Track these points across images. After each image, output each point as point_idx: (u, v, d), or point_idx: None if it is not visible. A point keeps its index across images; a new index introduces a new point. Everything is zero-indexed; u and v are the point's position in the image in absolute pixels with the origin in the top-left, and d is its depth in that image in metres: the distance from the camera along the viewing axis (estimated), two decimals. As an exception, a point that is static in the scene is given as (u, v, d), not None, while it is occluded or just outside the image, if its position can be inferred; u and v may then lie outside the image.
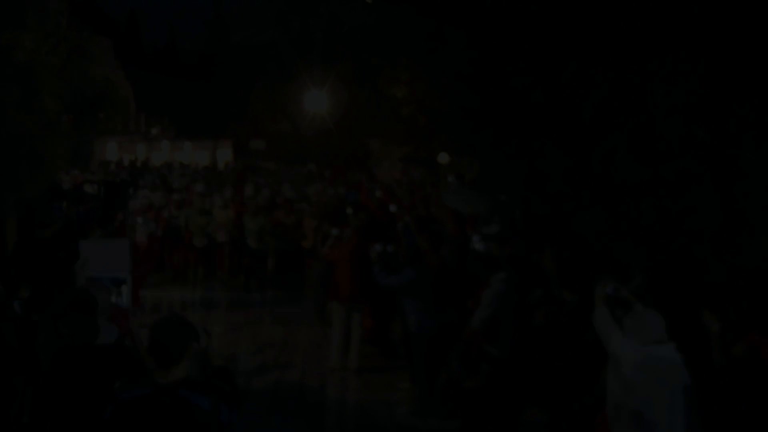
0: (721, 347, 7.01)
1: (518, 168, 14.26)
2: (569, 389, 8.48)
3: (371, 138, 48.55)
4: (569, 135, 9.23)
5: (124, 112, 28.75)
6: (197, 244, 18.37)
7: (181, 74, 71.18)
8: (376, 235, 12.27)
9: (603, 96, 8.63)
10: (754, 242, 7.48)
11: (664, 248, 8.53)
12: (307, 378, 11.98)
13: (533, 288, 9.79)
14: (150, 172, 30.52)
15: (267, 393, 11.22)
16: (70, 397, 5.33)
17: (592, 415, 8.01)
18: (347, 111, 50.29)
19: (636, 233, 8.62)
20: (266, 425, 10.02)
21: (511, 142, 15.51)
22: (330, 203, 17.28)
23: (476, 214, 13.12)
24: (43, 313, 6.19)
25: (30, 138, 11.55)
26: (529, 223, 13.02)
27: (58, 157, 12.88)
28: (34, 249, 8.71)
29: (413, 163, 36.27)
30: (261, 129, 60.11)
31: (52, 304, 6.03)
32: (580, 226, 9.65)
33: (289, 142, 58.54)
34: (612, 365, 6.84)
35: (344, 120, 49.67)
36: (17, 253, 9.12)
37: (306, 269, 17.65)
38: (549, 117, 9.71)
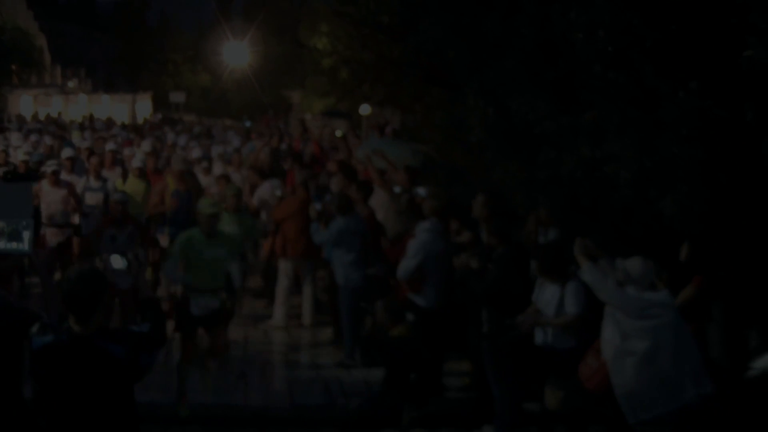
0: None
1: (439, 118, 14.28)
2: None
3: (293, 90, 48.26)
4: (490, 85, 9.23)
5: (38, 64, 27.88)
6: None
7: (98, 25, 69.54)
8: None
9: (525, 45, 8.64)
10: (670, 191, 7.61)
11: (583, 196, 8.64)
12: (231, 332, 11.87)
13: (461, 231, 9.84)
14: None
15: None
16: None
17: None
18: (268, 63, 49.83)
19: (556, 182, 8.71)
20: (188, 381, 9.91)
21: (432, 92, 15.49)
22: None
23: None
24: None
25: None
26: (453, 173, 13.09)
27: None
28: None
29: (335, 116, 36.15)
30: (180, 82, 59.31)
31: None
32: (501, 175, 9.71)
33: (210, 95, 57.90)
34: (609, 316, 6.99)
35: (265, 72, 49.22)
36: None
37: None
38: (470, 67, 9.70)
